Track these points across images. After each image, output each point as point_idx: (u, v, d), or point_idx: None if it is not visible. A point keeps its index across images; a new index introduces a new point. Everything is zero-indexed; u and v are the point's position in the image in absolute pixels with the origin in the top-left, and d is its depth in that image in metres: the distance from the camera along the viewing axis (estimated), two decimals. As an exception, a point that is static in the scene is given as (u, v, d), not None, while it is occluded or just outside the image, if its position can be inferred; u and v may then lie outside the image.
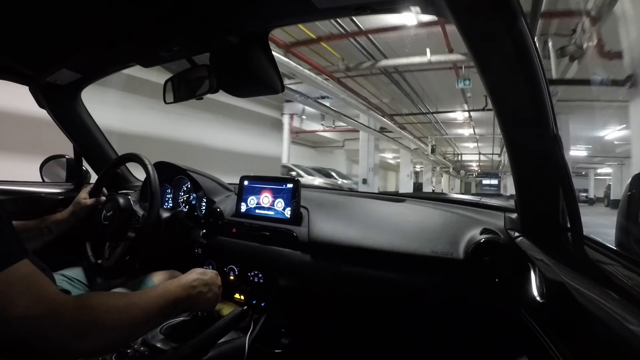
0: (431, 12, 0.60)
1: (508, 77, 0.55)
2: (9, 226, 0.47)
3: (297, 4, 0.66)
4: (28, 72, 1.08)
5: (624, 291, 0.42)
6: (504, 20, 0.49)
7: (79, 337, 0.46)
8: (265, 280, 0.97)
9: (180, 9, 0.68)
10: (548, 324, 0.52)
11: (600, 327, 0.39)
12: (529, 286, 0.61)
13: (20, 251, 0.46)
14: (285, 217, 1.01)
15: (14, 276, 0.43)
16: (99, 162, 1.39)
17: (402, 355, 0.97)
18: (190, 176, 1.21)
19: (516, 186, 0.70)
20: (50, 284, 0.47)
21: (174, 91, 0.94)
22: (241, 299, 1.00)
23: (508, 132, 0.63)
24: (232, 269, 1.01)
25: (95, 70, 1.11)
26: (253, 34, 0.78)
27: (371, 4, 0.62)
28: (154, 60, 0.86)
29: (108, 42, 0.84)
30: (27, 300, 0.43)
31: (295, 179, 1.03)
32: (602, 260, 0.56)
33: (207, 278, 0.74)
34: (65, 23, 0.79)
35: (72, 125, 1.31)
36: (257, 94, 0.94)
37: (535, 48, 0.53)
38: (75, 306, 0.47)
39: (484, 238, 0.78)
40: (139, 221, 0.97)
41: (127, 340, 0.62)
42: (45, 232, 0.98)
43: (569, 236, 0.66)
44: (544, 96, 0.56)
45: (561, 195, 0.64)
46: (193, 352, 0.72)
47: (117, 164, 1.15)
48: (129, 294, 0.60)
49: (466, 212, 0.94)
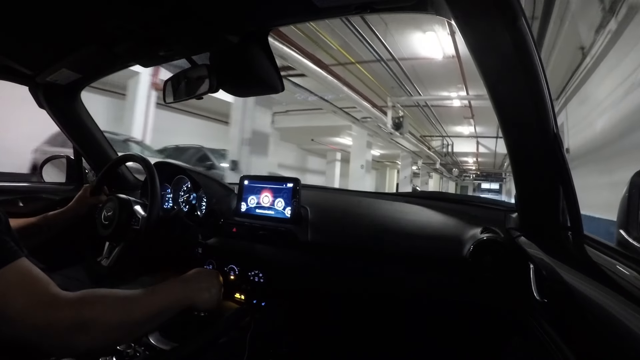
0: (431, 12, 0.60)
1: (508, 76, 0.56)
2: (7, 225, 0.47)
3: (297, 3, 0.66)
4: (28, 72, 1.08)
5: (624, 290, 0.42)
6: (504, 20, 0.49)
7: (78, 334, 0.46)
8: (265, 280, 0.97)
9: (180, 9, 0.68)
10: (548, 323, 0.52)
11: (601, 326, 0.39)
12: (529, 285, 0.61)
13: (18, 250, 0.46)
14: (286, 217, 1.01)
15: (12, 274, 0.43)
16: (99, 162, 1.38)
17: (403, 354, 0.97)
18: (190, 176, 1.21)
19: (516, 185, 0.70)
20: (49, 281, 0.47)
21: (174, 91, 0.94)
22: (241, 298, 1.00)
23: (508, 131, 0.63)
24: (233, 268, 1.01)
25: (95, 70, 1.11)
26: (253, 34, 0.78)
27: (372, 4, 0.62)
28: (154, 60, 0.86)
29: (108, 42, 0.84)
30: (25, 298, 0.43)
31: (296, 178, 1.02)
32: (602, 260, 0.56)
33: (208, 278, 0.74)
34: (65, 23, 0.79)
35: (72, 125, 1.31)
36: (257, 94, 0.94)
37: (536, 48, 0.53)
38: (74, 303, 0.47)
39: (485, 237, 0.78)
40: (139, 221, 0.97)
41: (126, 338, 0.63)
42: (45, 229, 0.98)
43: (569, 235, 0.66)
44: (544, 95, 0.56)
45: (561, 194, 0.64)
46: (193, 352, 0.72)
47: (118, 164, 1.15)
48: (129, 293, 0.60)
49: (466, 212, 0.95)
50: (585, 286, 0.46)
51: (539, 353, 0.52)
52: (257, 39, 0.79)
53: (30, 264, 0.46)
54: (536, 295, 0.57)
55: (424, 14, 0.61)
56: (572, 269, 0.52)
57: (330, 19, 0.94)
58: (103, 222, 0.98)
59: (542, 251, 0.63)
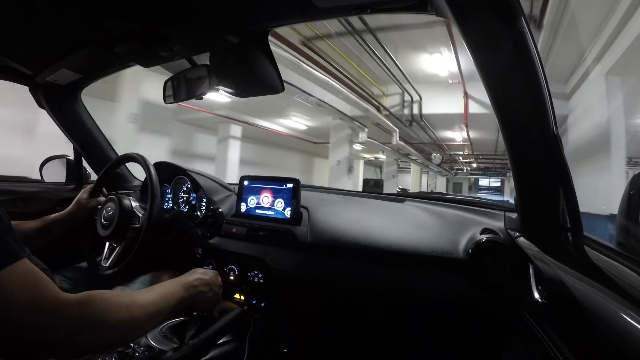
0: (431, 12, 0.60)
1: (508, 76, 0.56)
2: (8, 226, 0.48)
3: (297, 3, 0.66)
4: (28, 72, 1.08)
5: (624, 291, 0.42)
6: (504, 20, 0.49)
7: (79, 335, 0.46)
8: (265, 280, 0.97)
9: (180, 9, 0.68)
10: (548, 323, 0.52)
11: (600, 327, 0.39)
12: (529, 286, 0.61)
13: (19, 251, 0.46)
14: (285, 217, 1.01)
15: (14, 275, 0.43)
16: (99, 162, 1.39)
17: (403, 354, 0.97)
18: (190, 176, 1.21)
19: (516, 185, 0.70)
20: (50, 282, 0.47)
21: (174, 91, 0.94)
22: (241, 299, 1.00)
23: (508, 131, 0.63)
24: (232, 269, 1.01)
25: (95, 70, 1.11)
26: (253, 34, 0.78)
27: (371, 4, 0.62)
28: (154, 60, 0.86)
29: (108, 42, 0.83)
30: (27, 299, 0.43)
31: (296, 179, 1.02)
32: (602, 260, 0.56)
33: (207, 278, 0.74)
34: (65, 23, 0.79)
35: (72, 125, 1.31)
36: (257, 94, 0.94)
37: (536, 48, 0.53)
38: (75, 304, 0.47)
39: (484, 238, 0.78)
40: (138, 221, 0.97)
41: (127, 339, 0.63)
42: (45, 232, 0.98)
43: (569, 236, 0.66)
44: (544, 96, 0.56)
45: (561, 194, 0.64)
46: (193, 352, 0.72)
47: (117, 164, 1.15)
48: (130, 293, 0.60)
49: (466, 212, 0.95)
50: (585, 287, 0.46)
51: (539, 354, 0.52)
52: (257, 39, 0.79)
53: (32, 265, 0.46)
54: (536, 295, 0.57)
55: (423, 12, 0.61)
56: (572, 270, 0.52)
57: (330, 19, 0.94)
58: (103, 222, 0.98)
59: (542, 252, 0.63)
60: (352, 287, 0.92)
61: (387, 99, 7.51)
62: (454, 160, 14.82)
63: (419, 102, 7.36)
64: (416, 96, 7.27)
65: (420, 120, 7.71)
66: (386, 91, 7.46)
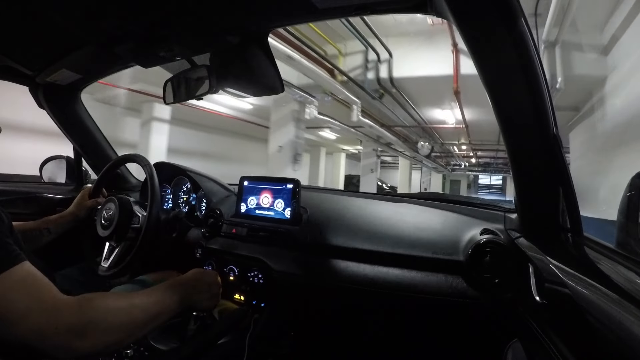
0: (431, 13, 0.60)
1: (508, 77, 0.55)
2: (9, 228, 0.48)
3: (297, 4, 0.66)
4: (28, 72, 1.08)
5: (624, 291, 0.42)
6: (504, 20, 0.49)
7: (79, 337, 0.46)
8: (265, 280, 0.97)
9: (180, 9, 0.68)
10: (548, 324, 0.52)
11: (600, 327, 0.39)
12: (529, 286, 0.61)
13: (20, 253, 0.46)
14: (285, 218, 1.01)
15: (15, 278, 0.43)
16: (99, 163, 1.39)
17: (402, 355, 0.97)
18: (190, 176, 1.21)
19: (516, 186, 0.70)
20: (50, 285, 0.47)
21: (174, 91, 0.94)
22: (241, 299, 1.00)
23: (508, 132, 0.63)
24: (232, 269, 1.01)
25: (95, 70, 1.11)
26: (253, 34, 0.78)
27: (371, 5, 0.62)
28: (154, 60, 0.86)
29: (108, 42, 0.84)
30: (27, 301, 0.43)
31: (296, 179, 1.02)
32: (602, 261, 0.56)
33: (207, 278, 0.74)
34: (65, 23, 0.79)
35: (72, 126, 1.31)
36: (257, 94, 0.94)
37: (536, 48, 0.53)
38: (75, 306, 0.47)
39: (484, 238, 0.78)
40: (138, 221, 0.97)
41: (127, 340, 0.63)
42: (45, 233, 0.98)
43: (569, 236, 0.66)
44: (544, 96, 0.56)
45: (561, 195, 0.64)
46: (193, 352, 0.72)
47: (117, 165, 1.15)
48: (129, 295, 0.60)
49: (466, 213, 0.95)
50: (585, 287, 0.46)
51: (539, 354, 0.52)
52: (257, 40, 0.79)
53: (32, 267, 0.46)
54: (536, 296, 0.57)
55: (424, 12, 0.61)
56: (572, 271, 0.52)
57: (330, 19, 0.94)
58: (103, 223, 0.98)
59: (542, 252, 0.63)
60: (352, 288, 0.92)
61: (345, 60, 5.40)
62: (448, 153, 12.29)
63: (388, 61, 5.18)
64: (385, 53, 5.13)
65: (391, 88, 5.46)
66: (344, 50, 5.41)
